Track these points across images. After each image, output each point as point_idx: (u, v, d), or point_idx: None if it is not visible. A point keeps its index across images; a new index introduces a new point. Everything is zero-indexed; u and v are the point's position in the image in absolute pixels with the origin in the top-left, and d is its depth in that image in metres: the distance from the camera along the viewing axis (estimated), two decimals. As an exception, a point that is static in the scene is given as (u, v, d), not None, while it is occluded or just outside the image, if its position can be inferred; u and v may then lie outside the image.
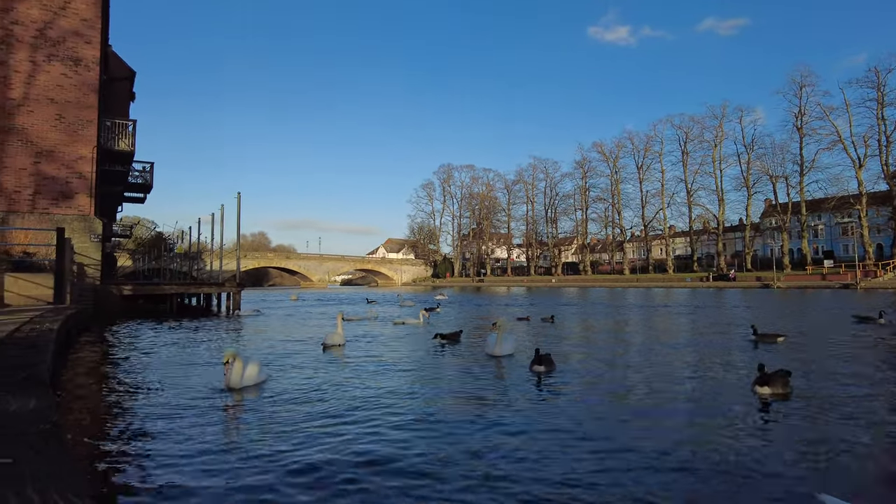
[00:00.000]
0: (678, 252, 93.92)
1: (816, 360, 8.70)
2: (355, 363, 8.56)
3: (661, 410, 5.45)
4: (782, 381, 6.07)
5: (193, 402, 5.73)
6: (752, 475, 3.60)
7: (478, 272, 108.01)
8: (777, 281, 56.64)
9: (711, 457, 3.89)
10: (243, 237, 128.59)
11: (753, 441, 4.39)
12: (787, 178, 74.95)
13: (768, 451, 4.11)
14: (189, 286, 23.18)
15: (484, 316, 21.33)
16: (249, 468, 3.63)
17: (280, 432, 4.52)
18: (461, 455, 3.92)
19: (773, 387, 5.94)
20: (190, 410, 5.35)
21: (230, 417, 5.22)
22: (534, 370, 7.38)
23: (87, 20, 19.25)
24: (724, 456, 3.93)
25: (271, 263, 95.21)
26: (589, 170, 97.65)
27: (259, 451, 4.03)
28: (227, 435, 4.56)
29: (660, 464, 3.73)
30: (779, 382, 6.02)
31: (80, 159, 18.49)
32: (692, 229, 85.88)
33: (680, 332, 13.72)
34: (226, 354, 6.42)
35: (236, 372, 6.44)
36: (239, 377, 6.46)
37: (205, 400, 5.85)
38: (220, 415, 5.28)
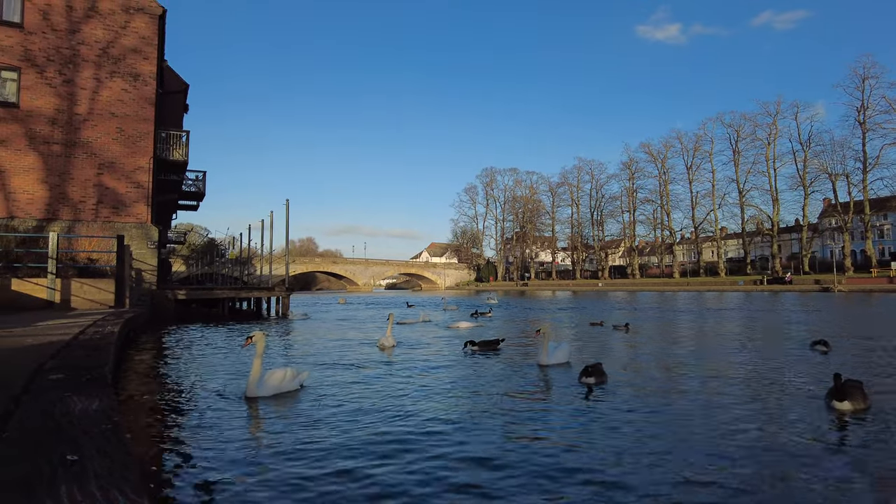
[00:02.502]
0: (730, 254, 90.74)
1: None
2: (391, 372, 8.23)
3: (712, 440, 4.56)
4: (861, 393, 5.39)
5: (241, 404, 5.88)
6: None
7: (521, 276, 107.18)
8: (838, 284, 53.93)
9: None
10: (292, 242, 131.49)
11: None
12: (849, 175, 71.41)
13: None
14: (240, 290, 23.90)
15: (533, 320, 21.13)
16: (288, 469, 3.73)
17: (321, 439, 4.53)
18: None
19: (854, 401, 5.28)
20: (237, 412, 5.54)
21: (281, 418, 5.34)
22: (583, 382, 7.03)
23: (145, 38, 20.21)
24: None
25: (319, 268, 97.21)
26: (636, 171, 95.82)
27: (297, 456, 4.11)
28: (275, 436, 4.66)
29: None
30: (859, 395, 5.35)
31: (137, 170, 19.40)
32: (745, 231, 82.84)
33: (750, 340, 13.04)
34: (255, 336, 6.29)
35: (253, 377, 6.11)
36: (256, 384, 6.11)
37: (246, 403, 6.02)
38: (269, 418, 5.42)
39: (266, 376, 6.25)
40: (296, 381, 6.57)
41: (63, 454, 1.78)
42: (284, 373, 6.40)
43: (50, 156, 18.30)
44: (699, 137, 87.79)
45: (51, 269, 13.32)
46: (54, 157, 18.33)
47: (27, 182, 18.01)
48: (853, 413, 5.19)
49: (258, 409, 5.66)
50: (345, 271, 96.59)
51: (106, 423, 2.19)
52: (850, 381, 5.63)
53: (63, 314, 10.94)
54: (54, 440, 1.97)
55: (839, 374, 5.45)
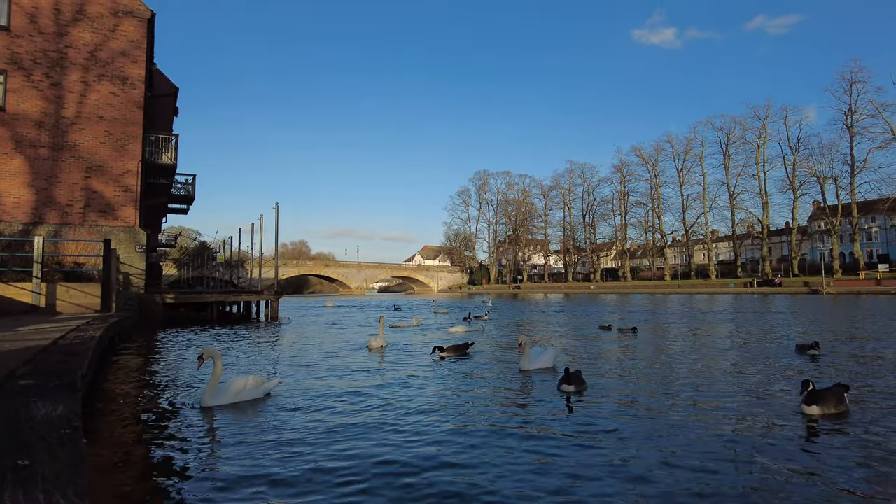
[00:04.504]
0: (721, 257, 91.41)
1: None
2: (366, 380, 8.00)
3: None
4: (836, 398, 5.45)
5: (197, 414, 5.79)
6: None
7: (514, 279, 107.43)
8: (826, 286, 54.40)
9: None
10: (283, 246, 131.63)
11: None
12: (837, 178, 72.11)
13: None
14: (228, 294, 23.84)
15: (525, 323, 21.24)
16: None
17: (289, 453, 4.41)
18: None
19: (824, 406, 5.35)
20: (192, 421, 5.49)
21: (262, 427, 5.35)
22: (562, 389, 6.93)
23: (133, 41, 20.18)
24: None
25: (311, 271, 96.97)
26: (628, 174, 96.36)
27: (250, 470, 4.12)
28: (249, 447, 4.66)
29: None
30: (832, 401, 5.41)
31: (126, 173, 19.34)
32: (735, 233, 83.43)
33: (740, 344, 13.04)
34: (204, 353, 6.08)
35: (211, 386, 5.94)
36: (215, 391, 5.95)
37: (223, 411, 5.99)
38: (248, 428, 5.41)
39: (227, 384, 6.09)
40: (260, 389, 6.33)
41: (16, 459, 1.82)
42: (246, 381, 6.19)
43: (37, 159, 18.21)
44: (690, 141, 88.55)
45: (36, 273, 13.26)
46: (41, 161, 18.24)
47: (13, 186, 17.91)
48: (823, 418, 5.27)
49: (212, 419, 5.53)
50: (337, 274, 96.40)
51: (66, 428, 2.22)
52: (836, 386, 5.74)
53: (47, 319, 10.90)
54: (10, 446, 2.01)
55: (807, 381, 5.53)
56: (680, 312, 25.96)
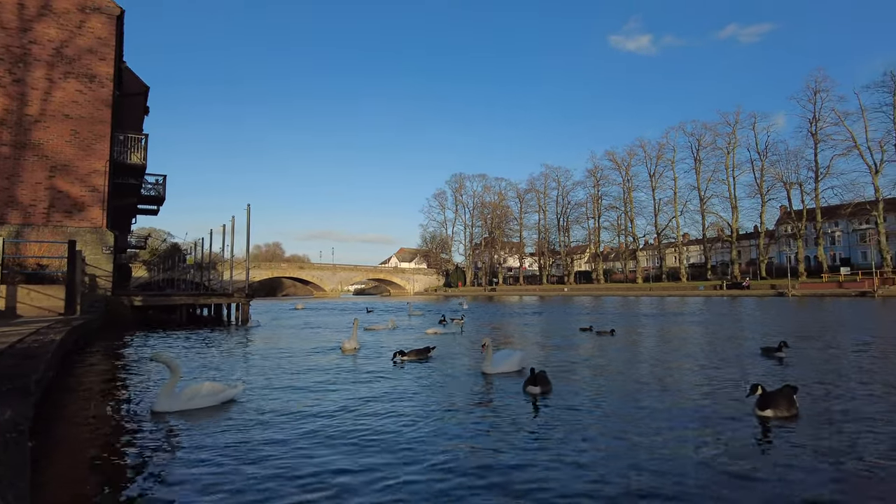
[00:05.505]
0: (692, 260, 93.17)
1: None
2: (330, 385, 7.85)
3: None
4: (787, 401, 5.62)
5: (147, 420, 5.67)
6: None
7: (490, 281, 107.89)
8: (792, 289, 55.87)
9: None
10: (257, 247, 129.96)
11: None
12: (802, 184, 74.27)
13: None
14: (199, 297, 23.48)
15: (498, 325, 21.39)
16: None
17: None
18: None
19: (777, 409, 5.50)
20: (143, 427, 5.40)
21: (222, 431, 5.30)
22: (528, 391, 6.86)
23: (101, 38, 19.77)
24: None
25: (284, 273, 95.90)
26: (601, 178, 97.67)
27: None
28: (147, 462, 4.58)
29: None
30: (783, 403, 5.57)
31: (93, 173, 18.92)
32: (706, 237, 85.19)
33: (707, 346, 13.29)
34: (155, 356, 5.94)
35: (164, 391, 5.79)
36: (169, 397, 5.81)
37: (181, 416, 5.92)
38: (202, 431, 5.34)
39: (181, 390, 5.96)
40: (219, 396, 6.16)
41: (-43, 463, 1.80)
42: (200, 387, 6.03)
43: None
44: (662, 146, 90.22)
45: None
46: (2, 159, 17.74)
47: (-27, 185, 17.39)
48: (776, 420, 5.42)
49: (163, 425, 5.43)
50: (311, 277, 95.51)
51: (12, 432, 2.19)
52: (786, 388, 5.94)
53: (6, 322, 10.61)
54: (-47, 450, 1.98)
55: (756, 385, 5.65)
56: (652, 315, 26.39)
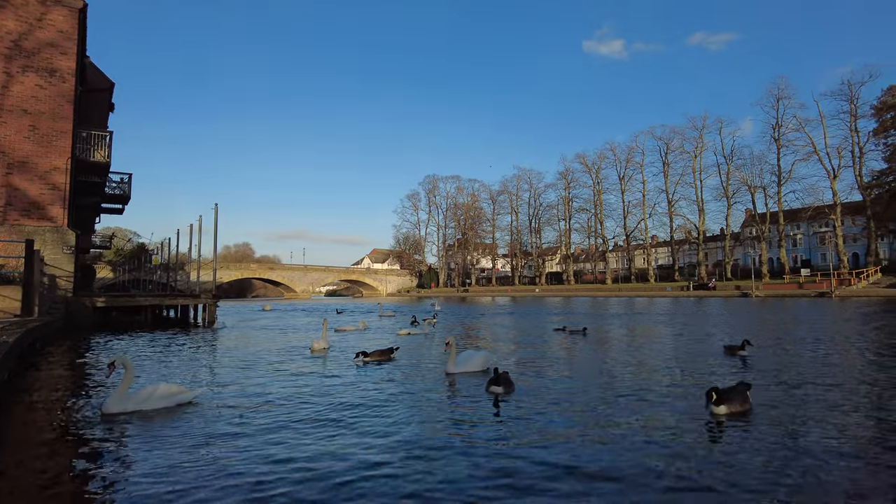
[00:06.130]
0: (660, 261, 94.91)
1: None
2: (291, 388, 7.66)
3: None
4: (740, 397, 5.80)
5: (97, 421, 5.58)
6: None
7: (463, 282, 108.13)
8: (756, 290, 57.41)
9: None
10: (226, 248, 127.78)
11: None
12: (766, 188, 76.39)
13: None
14: (164, 298, 23.01)
15: (471, 325, 21.47)
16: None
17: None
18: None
19: (730, 406, 5.67)
20: (115, 430, 5.31)
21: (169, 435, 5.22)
22: (490, 391, 6.91)
23: (63, 32, 19.25)
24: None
25: (254, 274, 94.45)
26: (572, 180, 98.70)
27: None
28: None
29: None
30: (737, 400, 5.76)
31: (53, 171, 18.39)
32: (673, 239, 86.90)
33: (672, 345, 13.56)
34: (116, 360, 5.83)
35: (118, 393, 5.65)
36: (121, 398, 5.66)
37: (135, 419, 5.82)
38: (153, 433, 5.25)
39: (134, 392, 5.84)
40: (176, 397, 6.05)
41: None
42: (154, 389, 5.92)
43: (-48, 154, 17.09)
44: (631, 149, 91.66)
45: (-52, 275, 12.45)
46: (-43, 156, 17.13)
47: (-75, 181, 16.74)
48: (729, 416, 5.59)
49: (112, 427, 5.33)
50: (282, 278, 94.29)
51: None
52: (740, 384, 6.20)
53: (-40, 323, 10.25)
54: None
55: (710, 392, 5.76)
56: (621, 315, 26.82)
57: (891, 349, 11.50)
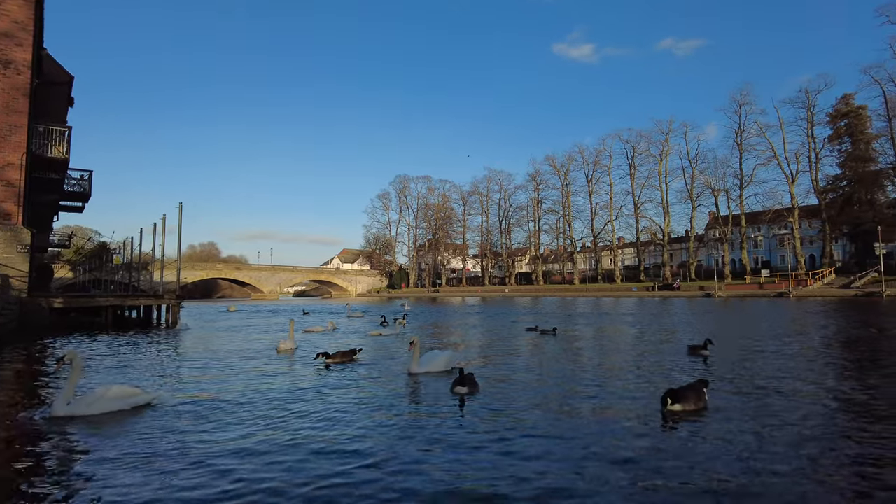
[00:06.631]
0: (626, 262, 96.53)
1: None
2: (250, 389, 7.60)
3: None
4: (695, 395, 5.92)
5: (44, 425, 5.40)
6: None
7: (433, 283, 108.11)
8: (718, 290, 58.92)
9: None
10: (191, 248, 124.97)
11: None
12: (728, 191, 78.45)
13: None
14: (126, 298, 22.42)
15: (441, 325, 21.49)
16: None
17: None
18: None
19: (685, 403, 5.80)
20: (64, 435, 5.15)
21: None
22: (456, 392, 6.87)
23: (18, 22, 18.59)
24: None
25: (220, 275, 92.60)
26: (541, 182, 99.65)
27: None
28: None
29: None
30: (691, 398, 5.88)
31: (7, 166, 17.75)
32: (639, 240, 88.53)
33: (634, 345, 13.86)
34: (67, 355, 5.64)
35: (64, 395, 5.43)
36: (69, 400, 5.43)
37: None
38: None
39: (87, 394, 5.67)
40: (131, 399, 5.84)
41: None
42: (107, 390, 5.73)
43: None
44: (599, 152, 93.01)
45: None
46: None
47: None
48: (684, 413, 5.75)
49: (57, 432, 5.15)
50: (249, 278, 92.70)
51: None
52: (697, 382, 6.36)
53: None
54: None
55: (665, 397, 5.90)
56: (589, 315, 27.23)
57: (841, 348, 12.00)
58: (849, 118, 65.01)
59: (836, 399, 6.60)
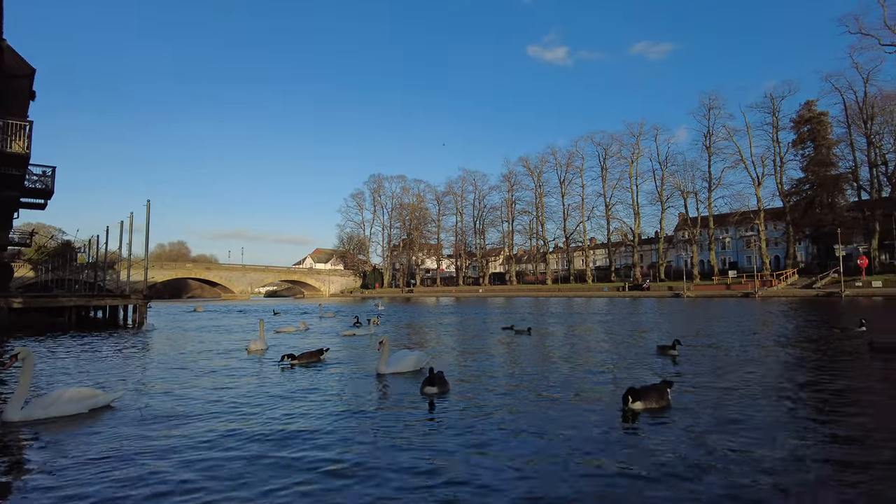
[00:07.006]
0: (598, 263, 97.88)
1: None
2: (214, 389, 7.53)
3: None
4: (657, 394, 6.02)
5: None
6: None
7: (407, 283, 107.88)
8: (687, 290, 60.16)
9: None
10: (160, 247, 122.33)
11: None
12: (697, 193, 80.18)
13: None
14: (91, 298, 21.85)
15: (415, 325, 21.48)
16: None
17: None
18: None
19: (646, 402, 5.90)
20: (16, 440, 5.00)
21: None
22: (425, 392, 6.82)
23: (-24, 12, 17.89)
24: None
25: (190, 274, 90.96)
26: (515, 183, 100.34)
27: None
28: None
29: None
30: (653, 396, 5.97)
31: (-36, 161, 17.11)
32: (610, 241, 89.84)
33: (605, 344, 14.05)
34: (19, 352, 5.38)
35: (16, 398, 5.21)
36: (21, 403, 5.22)
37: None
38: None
39: (41, 397, 5.49)
40: (89, 402, 5.66)
41: None
42: (62, 393, 5.55)
43: None
44: (572, 154, 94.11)
45: None
46: None
47: None
48: (646, 411, 5.86)
49: (15, 437, 5.01)
50: (219, 278, 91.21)
51: None
52: (662, 382, 6.49)
53: None
54: None
55: (627, 396, 6.00)
56: (561, 314, 27.55)
57: (801, 347, 12.40)
58: (811, 124, 67.13)
59: (794, 399, 6.81)
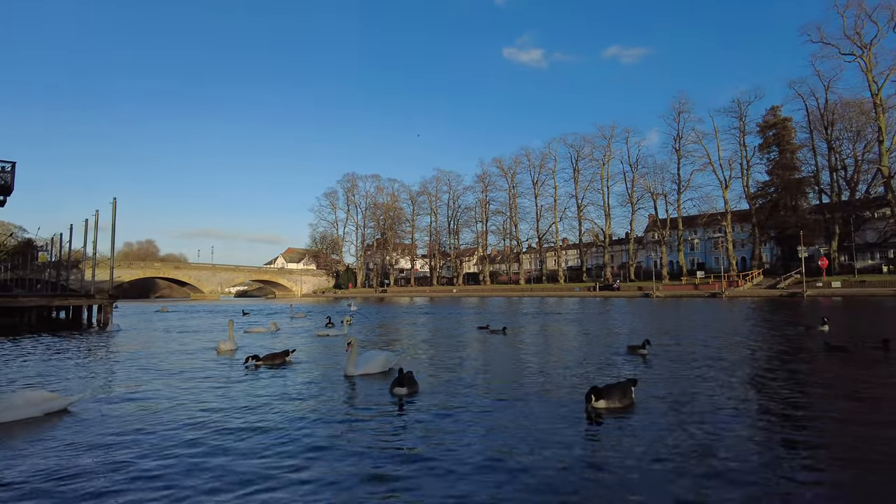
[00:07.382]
0: (570, 263, 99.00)
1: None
2: (178, 391, 7.38)
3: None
4: (620, 392, 6.06)
5: None
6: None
7: (381, 283, 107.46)
8: (656, 291, 61.27)
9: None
10: (128, 245, 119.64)
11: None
12: (667, 195, 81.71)
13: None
14: (53, 298, 21.23)
15: (388, 325, 21.42)
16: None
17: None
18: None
19: (609, 400, 5.93)
20: None
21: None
22: (395, 393, 6.76)
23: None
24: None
25: (158, 274, 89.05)
26: (489, 184, 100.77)
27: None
28: None
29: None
30: (616, 395, 6.01)
31: (-82, 156, 16.46)
32: (582, 242, 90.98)
33: (577, 343, 14.28)
34: None
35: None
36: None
37: None
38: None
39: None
40: (44, 406, 5.50)
41: None
42: (13, 396, 5.39)
43: None
44: (545, 155, 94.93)
45: None
46: None
47: None
48: (608, 410, 5.94)
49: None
50: (188, 277, 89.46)
51: None
52: (626, 381, 6.59)
53: None
54: None
55: (590, 394, 6.07)
56: (534, 314, 27.80)
57: (765, 347, 12.77)
58: (776, 129, 69.12)
59: (753, 406, 7.02)
